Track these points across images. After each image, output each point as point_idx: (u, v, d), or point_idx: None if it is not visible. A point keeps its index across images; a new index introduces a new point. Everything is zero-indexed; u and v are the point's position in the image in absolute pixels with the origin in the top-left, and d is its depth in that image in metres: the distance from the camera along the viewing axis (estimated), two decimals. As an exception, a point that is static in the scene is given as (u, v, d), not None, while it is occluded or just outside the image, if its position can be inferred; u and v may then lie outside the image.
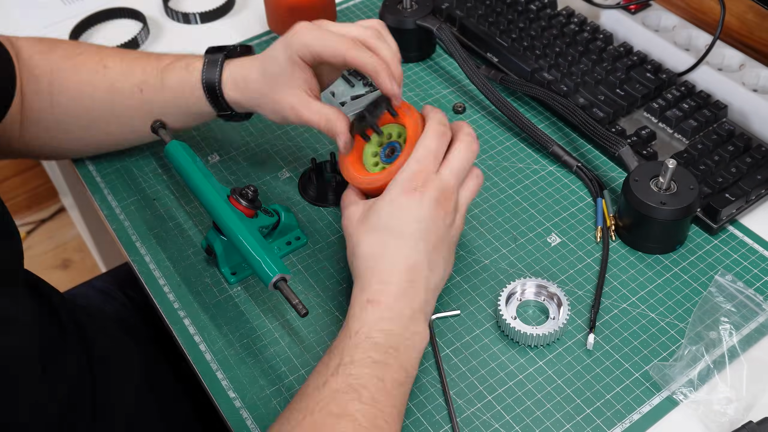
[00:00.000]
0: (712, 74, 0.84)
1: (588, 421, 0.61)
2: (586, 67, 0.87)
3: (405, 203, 0.60)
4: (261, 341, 0.67)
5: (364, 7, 1.02)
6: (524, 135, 0.84)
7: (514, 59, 0.87)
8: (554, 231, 0.74)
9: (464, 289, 0.70)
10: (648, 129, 0.80)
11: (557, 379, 0.63)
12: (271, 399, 0.63)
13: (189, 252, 0.74)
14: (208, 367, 0.65)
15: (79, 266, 1.88)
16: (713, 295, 0.67)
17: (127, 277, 0.92)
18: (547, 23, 0.92)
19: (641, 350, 0.65)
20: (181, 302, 0.70)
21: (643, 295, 0.69)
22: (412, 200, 0.60)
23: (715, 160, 0.76)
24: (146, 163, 0.83)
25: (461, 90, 0.90)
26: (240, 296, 0.70)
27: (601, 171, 0.80)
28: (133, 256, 0.74)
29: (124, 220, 0.78)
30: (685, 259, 0.71)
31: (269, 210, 0.72)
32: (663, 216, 0.68)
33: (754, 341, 0.65)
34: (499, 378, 0.64)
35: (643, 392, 0.62)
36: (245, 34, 0.99)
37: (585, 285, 0.70)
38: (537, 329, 0.64)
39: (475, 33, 0.92)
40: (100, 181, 0.82)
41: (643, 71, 0.86)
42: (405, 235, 0.59)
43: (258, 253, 0.63)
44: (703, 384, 0.62)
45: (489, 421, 0.61)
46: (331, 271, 0.72)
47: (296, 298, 0.61)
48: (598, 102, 0.83)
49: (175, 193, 0.80)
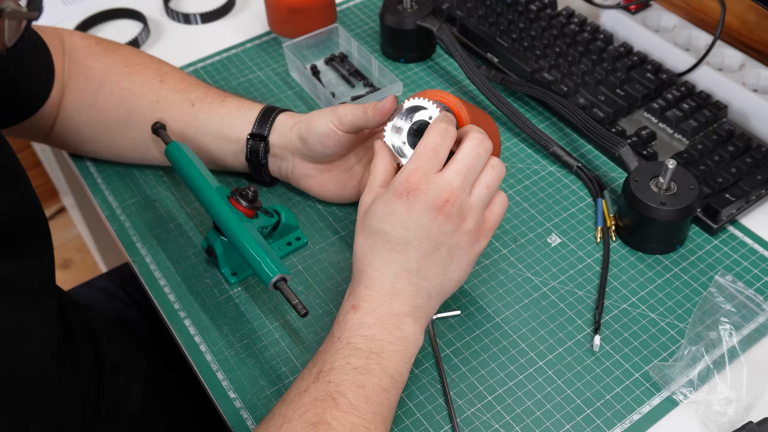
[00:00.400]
0: (712, 74, 0.84)
1: (588, 421, 0.61)
2: (586, 67, 0.87)
3: (395, 207, 0.57)
4: (261, 342, 0.67)
5: (365, 8, 1.02)
6: (524, 135, 0.84)
7: (514, 59, 0.87)
8: (554, 231, 0.74)
9: (464, 289, 0.70)
10: (648, 129, 0.80)
11: (557, 379, 0.63)
12: (272, 399, 0.63)
13: (189, 252, 0.74)
14: (209, 368, 0.66)
15: (79, 266, 1.88)
16: (713, 296, 0.67)
17: (129, 276, 0.92)
18: (548, 23, 0.92)
19: (641, 350, 0.65)
20: (181, 303, 0.70)
21: (643, 295, 0.69)
22: (401, 204, 0.57)
23: (715, 160, 0.76)
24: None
25: (461, 90, 0.90)
26: (240, 297, 0.71)
27: (602, 171, 0.80)
28: (134, 257, 0.75)
29: (124, 220, 0.78)
30: (686, 260, 0.71)
31: (269, 210, 0.72)
32: (663, 216, 0.68)
33: (754, 342, 0.65)
34: (499, 378, 0.64)
35: (643, 392, 0.62)
36: (246, 34, 0.99)
37: (585, 285, 0.70)
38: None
39: (476, 33, 0.92)
40: (100, 182, 0.82)
41: (643, 71, 0.86)
42: (392, 241, 0.58)
43: (258, 253, 0.63)
44: (703, 384, 0.62)
45: (489, 421, 0.61)
46: (331, 271, 0.72)
47: (296, 299, 0.61)
48: (599, 102, 0.83)
49: (176, 193, 0.80)
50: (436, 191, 0.57)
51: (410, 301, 0.58)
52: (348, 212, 0.77)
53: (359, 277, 0.59)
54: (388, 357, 0.56)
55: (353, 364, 0.55)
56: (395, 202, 0.57)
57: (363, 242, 0.59)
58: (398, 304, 0.58)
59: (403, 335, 0.57)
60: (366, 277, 0.58)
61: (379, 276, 0.58)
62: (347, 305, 0.58)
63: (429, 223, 0.57)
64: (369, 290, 0.58)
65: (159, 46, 0.99)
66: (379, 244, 0.58)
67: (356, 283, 0.59)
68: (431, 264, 0.58)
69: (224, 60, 0.95)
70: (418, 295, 0.58)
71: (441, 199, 0.57)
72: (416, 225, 0.57)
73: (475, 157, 0.58)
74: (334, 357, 0.55)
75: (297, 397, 0.54)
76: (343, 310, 0.58)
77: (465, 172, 0.58)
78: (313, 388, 0.54)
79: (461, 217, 0.58)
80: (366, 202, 0.61)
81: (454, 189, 0.57)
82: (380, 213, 0.58)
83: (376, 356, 0.55)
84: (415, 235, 0.57)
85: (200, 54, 0.97)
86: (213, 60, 0.95)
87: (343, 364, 0.55)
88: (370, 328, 0.56)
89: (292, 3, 0.91)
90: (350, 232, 0.75)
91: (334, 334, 0.57)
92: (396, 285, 0.58)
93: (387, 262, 0.58)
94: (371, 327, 0.56)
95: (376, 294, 0.57)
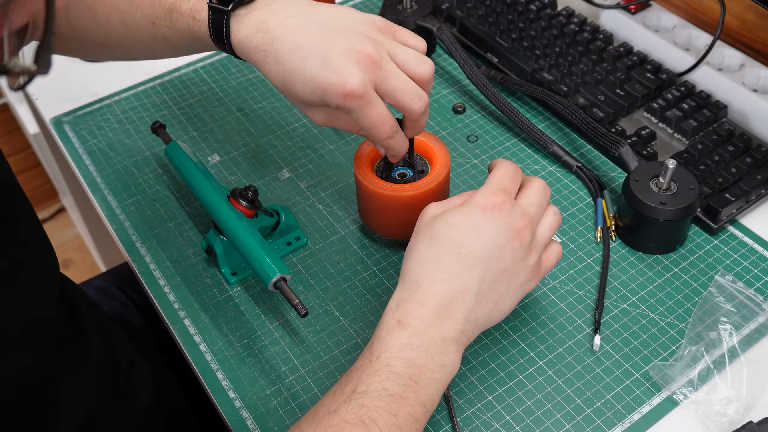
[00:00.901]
0: (712, 74, 0.84)
1: (588, 421, 0.61)
2: (586, 67, 0.87)
3: (477, 220, 0.55)
4: (261, 341, 0.67)
5: (365, 8, 1.02)
6: (524, 135, 0.84)
7: (514, 59, 0.87)
8: (554, 231, 0.74)
9: (464, 289, 0.70)
10: (648, 129, 0.80)
11: (557, 379, 0.63)
12: (271, 399, 0.63)
13: (189, 252, 0.74)
14: (208, 367, 0.65)
15: (79, 266, 1.88)
16: (713, 296, 0.67)
17: (127, 276, 0.92)
18: (547, 23, 0.92)
19: (641, 350, 0.65)
20: (181, 302, 0.70)
21: (643, 295, 0.69)
22: (484, 218, 0.55)
23: (715, 160, 0.76)
24: (146, 163, 0.83)
25: (461, 90, 0.90)
26: (240, 296, 0.71)
27: (601, 171, 0.80)
28: (133, 257, 0.74)
29: (124, 220, 0.78)
30: (686, 260, 0.71)
31: (269, 210, 0.72)
32: (663, 216, 0.68)
33: (754, 341, 0.65)
34: (499, 378, 0.64)
35: (644, 392, 0.62)
36: (245, 34, 0.99)
37: (585, 285, 0.70)
38: None
39: (475, 33, 0.92)
40: (100, 182, 0.82)
41: (643, 71, 0.86)
42: (463, 254, 0.54)
43: (258, 253, 0.63)
44: (703, 384, 0.62)
45: (489, 421, 0.61)
46: (331, 271, 0.72)
47: (296, 298, 0.61)
48: (598, 102, 0.83)
49: (176, 193, 0.80)
50: (517, 214, 0.56)
51: (460, 325, 0.54)
52: (348, 212, 0.77)
53: (414, 289, 0.55)
54: (425, 385, 0.53)
55: (390, 390, 0.52)
56: (478, 214, 0.55)
57: (426, 250, 0.56)
58: (447, 327, 0.54)
59: (444, 362, 0.54)
60: (422, 291, 0.55)
61: (437, 292, 0.54)
62: (392, 318, 0.54)
63: (505, 243, 0.55)
64: (422, 306, 0.54)
65: (159, 46, 0.99)
66: (448, 255, 0.55)
67: (408, 295, 0.55)
68: (491, 289, 0.56)
69: (224, 60, 0.95)
70: (468, 320, 0.55)
71: (521, 223, 0.56)
72: (493, 243, 0.55)
73: (543, 196, 0.58)
74: (371, 379, 0.52)
75: (327, 416, 0.51)
76: (386, 324, 0.55)
77: (538, 204, 0.57)
78: (344, 409, 0.51)
79: (531, 247, 0.57)
80: (435, 211, 0.58)
81: (531, 217, 0.56)
82: (457, 223, 0.56)
83: (414, 383, 0.53)
84: (489, 253, 0.55)
85: (200, 54, 0.96)
86: (213, 60, 0.95)
87: (380, 389, 0.52)
88: (413, 351, 0.53)
89: (292, 3, 0.91)
90: (350, 231, 0.75)
91: (373, 351, 0.54)
92: (451, 305, 0.54)
93: (449, 278, 0.54)
94: (414, 350, 0.53)
95: (429, 313, 0.54)
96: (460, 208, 0.56)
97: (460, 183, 0.79)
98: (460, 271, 0.55)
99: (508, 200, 0.56)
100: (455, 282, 0.54)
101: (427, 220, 0.58)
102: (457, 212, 0.56)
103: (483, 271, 0.55)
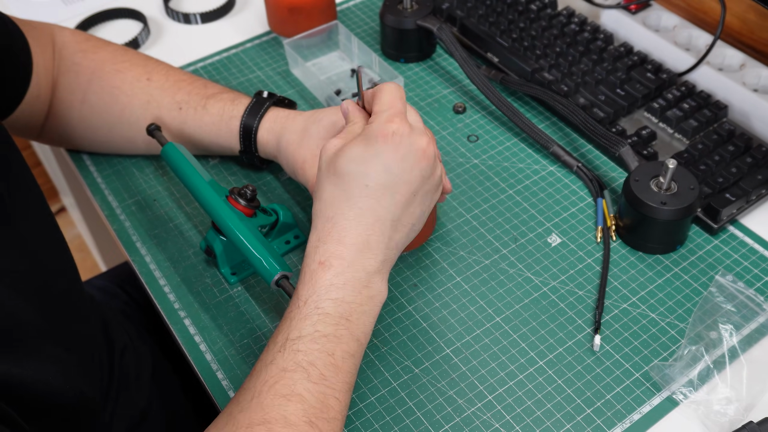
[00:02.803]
0: (712, 74, 0.84)
1: (588, 421, 0.61)
2: (586, 67, 0.87)
3: (378, 149, 0.54)
4: (261, 341, 0.67)
5: (365, 7, 1.02)
6: (524, 135, 0.84)
7: (514, 59, 0.87)
8: (554, 231, 0.74)
9: (464, 289, 0.70)
10: (648, 129, 0.80)
11: (557, 379, 0.63)
12: (272, 399, 0.63)
13: (189, 252, 0.74)
14: (209, 367, 0.65)
15: (79, 266, 1.87)
16: (714, 296, 0.67)
17: (128, 276, 0.92)
18: (548, 23, 0.92)
19: (641, 350, 0.65)
20: (181, 302, 0.70)
21: (643, 295, 0.69)
22: (385, 146, 0.54)
23: (715, 160, 0.76)
24: (147, 163, 0.83)
25: (461, 90, 0.90)
26: (240, 296, 0.70)
27: (602, 171, 0.80)
28: (134, 257, 0.74)
29: (124, 220, 0.78)
30: (686, 260, 0.71)
31: (268, 209, 0.72)
32: (663, 216, 0.68)
33: (754, 341, 0.65)
34: (499, 378, 0.64)
35: (644, 392, 0.62)
36: (246, 34, 0.99)
37: (585, 285, 0.70)
38: None
39: (476, 33, 0.92)
40: (100, 182, 0.82)
41: (643, 71, 0.86)
42: (371, 186, 0.54)
43: (259, 251, 0.63)
44: (703, 384, 0.62)
45: (489, 421, 0.61)
46: (332, 271, 0.72)
47: (297, 298, 0.61)
48: (599, 102, 0.83)
49: (176, 193, 0.80)
50: (417, 134, 0.55)
51: (381, 255, 0.55)
52: (348, 212, 0.77)
53: (329, 228, 0.55)
54: (357, 321, 0.54)
55: (322, 331, 0.52)
56: (378, 143, 0.54)
57: (333, 188, 0.55)
58: (370, 259, 0.54)
59: (371, 294, 0.55)
60: (337, 228, 0.54)
61: (352, 228, 0.54)
62: (313, 261, 0.54)
63: (413, 165, 0.55)
64: (341, 245, 0.54)
65: (159, 46, 0.99)
66: (355, 190, 0.54)
67: (324, 236, 0.55)
68: (405, 213, 0.56)
69: (224, 60, 0.95)
70: (389, 247, 0.55)
71: (423, 142, 0.55)
72: (400, 168, 0.54)
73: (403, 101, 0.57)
74: (302, 324, 0.52)
75: (264, 368, 0.52)
76: (308, 268, 0.54)
77: (416, 113, 0.57)
78: (280, 358, 0.51)
79: (436, 162, 0.57)
80: (335, 145, 0.56)
81: (425, 130, 0.56)
82: (358, 155, 0.54)
83: (345, 321, 0.53)
84: (398, 179, 0.54)
85: (200, 54, 0.97)
86: (213, 60, 0.95)
87: (312, 332, 0.52)
88: (339, 290, 0.53)
89: (292, 3, 0.91)
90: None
91: (300, 297, 0.54)
92: (369, 238, 0.54)
93: (362, 212, 0.54)
94: (341, 288, 0.53)
95: (349, 249, 0.54)
96: (360, 140, 0.55)
97: (460, 183, 0.79)
98: (372, 203, 0.55)
99: (404, 123, 0.55)
100: (369, 215, 0.54)
101: (329, 155, 0.56)
102: (357, 145, 0.55)
103: (394, 198, 0.55)
